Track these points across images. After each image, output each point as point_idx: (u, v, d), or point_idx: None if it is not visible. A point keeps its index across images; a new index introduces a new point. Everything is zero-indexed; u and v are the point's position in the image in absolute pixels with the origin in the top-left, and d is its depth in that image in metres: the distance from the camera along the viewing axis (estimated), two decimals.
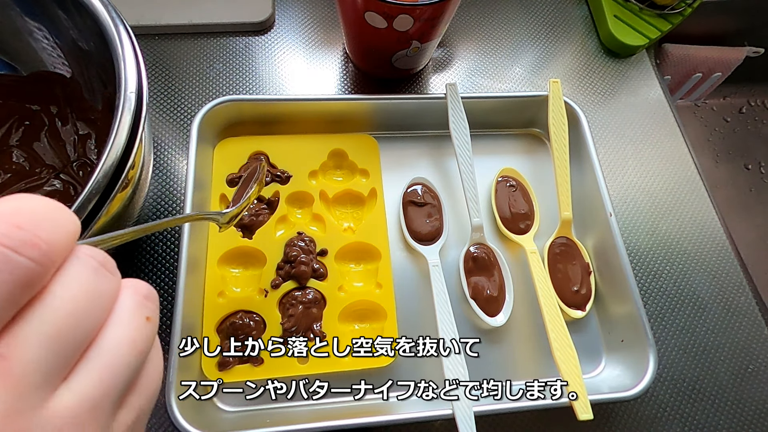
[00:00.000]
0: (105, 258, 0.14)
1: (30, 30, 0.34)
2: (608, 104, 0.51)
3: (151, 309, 0.15)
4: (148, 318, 0.15)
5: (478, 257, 0.41)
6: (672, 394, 0.40)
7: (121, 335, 0.14)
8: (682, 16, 0.54)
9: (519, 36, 0.54)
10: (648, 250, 0.45)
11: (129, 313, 0.14)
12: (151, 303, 0.15)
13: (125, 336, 0.14)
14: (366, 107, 0.44)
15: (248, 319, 0.36)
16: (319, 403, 0.36)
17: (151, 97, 0.46)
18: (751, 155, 0.83)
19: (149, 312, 0.15)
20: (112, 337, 0.13)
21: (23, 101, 0.38)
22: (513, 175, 0.45)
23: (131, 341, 0.14)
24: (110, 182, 0.26)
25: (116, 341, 0.13)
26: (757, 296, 0.45)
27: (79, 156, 0.38)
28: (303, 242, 0.39)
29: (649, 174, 0.49)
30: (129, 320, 0.14)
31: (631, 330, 0.38)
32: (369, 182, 0.42)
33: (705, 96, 0.78)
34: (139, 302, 0.15)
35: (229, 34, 0.49)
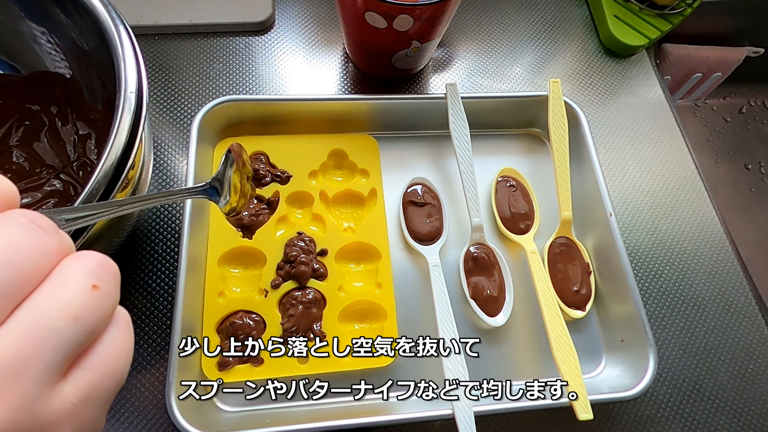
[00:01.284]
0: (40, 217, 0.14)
1: (30, 30, 0.34)
2: (608, 104, 0.51)
3: (102, 278, 0.14)
4: (94, 286, 0.14)
5: (478, 257, 0.41)
6: (672, 394, 0.40)
7: (50, 297, 0.13)
8: (682, 16, 0.54)
9: (519, 36, 0.54)
10: (648, 250, 0.45)
11: (67, 275, 0.13)
12: (103, 272, 0.14)
13: (55, 298, 0.13)
14: (366, 107, 0.44)
15: (248, 319, 0.36)
16: (319, 403, 0.36)
17: (151, 97, 0.46)
18: (751, 155, 0.83)
19: (98, 281, 0.14)
20: (39, 298, 0.13)
21: (23, 101, 0.38)
22: (513, 175, 0.45)
23: (63, 304, 0.13)
24: (110, 182, 0.26)
25: (44, 302, 0.13)
26: (757, 296, 0.45)
27: (79, 156, 0.38)
28: (303, 242, 0.39)
29: (649, 174, 0.49)
30: (65, 282, 0.13)
31: (631, 330, 0.38)
32: (369, 182, 0.42)
33: (705, 96, 0.78)
34: (86, 268, 0.14)
35: (229, 34, 0.49)
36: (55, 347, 0.13)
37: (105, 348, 0.14)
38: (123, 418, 0.35)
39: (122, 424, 0.35)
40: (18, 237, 0.13)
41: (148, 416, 0.36)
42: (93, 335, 0.14)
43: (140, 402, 0.36)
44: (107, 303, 0.14)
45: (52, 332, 0.12)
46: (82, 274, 0.14)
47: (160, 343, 0.37)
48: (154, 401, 0.36)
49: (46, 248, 0.13)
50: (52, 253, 0.13)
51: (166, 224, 0.41)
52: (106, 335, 0.14)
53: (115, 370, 0.14)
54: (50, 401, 0.13)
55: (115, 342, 0.14)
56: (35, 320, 0.12)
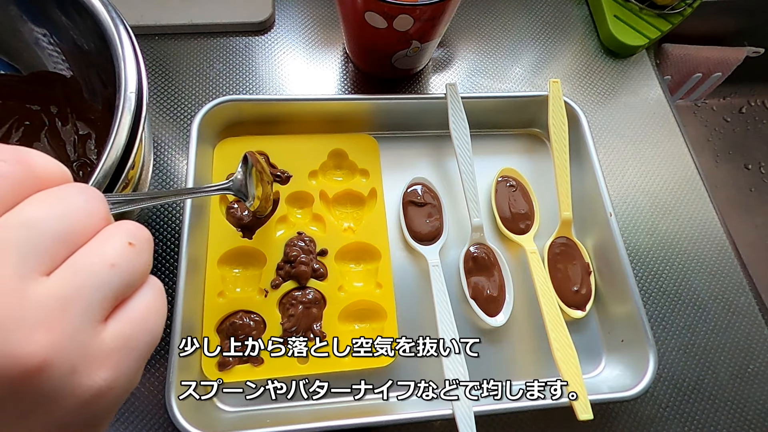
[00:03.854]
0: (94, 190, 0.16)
1: (30, 30, 0.34)
2: (608, 104, 0.51)
3: (137, 238, 0.16)
4: (130, 243, 0.16)
5: (478, 257, 0.41)
6: (672, 394, 0.40)
7: (94, 249, 0.15)
8: (682, 16, 0.54)
9: (519, 36, 0.54)
10: (648, 250, 0.45)
11: (108, 234, 0.16)
12: (139, 234, 0.17)
13: (98, 250, 0.15)
14: (366, 107, 0.44)
15: (248, 319, 0.36)
16: (319, 403, 0.36)
17: (151, 97, 0.46)
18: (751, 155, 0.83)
19: (134, 239, 0.16)
20: (87, 249, 0.15)
21: (23, 101, 0.38)
22: (513, 175, 0.45)
23: (104, 255, 0.15)
24: (110, 182, 0.26)
25: (89, 252, 0.15)
26: (757, 296, 0.45)
27: (79, 156, 0.38)
28: (303, 242, 0.39)
29: (649, 174, 0.49)
30: (106, 239, 0.16)
31: (631, 330, 0.38)
32: (369, 182, 0.42)
33: (705, 96, 0.78)
34: (124, 229, 0.16)
35: (229, 34, 0.49)
36: (95, 287, 0.15)
37: (139, 303, 0.16)
38: (123, 418, 0.35)
39: (122, 424, 0.35)
40: (77, 199, 0.16)
41: (148, 416, 0.36)
42: (128, 286, 0.16)
43: (140, 402, 0.36)
44: (140, 259, 0.16)
45: (93, 274, 0.15)
46: (120, 234, 0.16)
47: (160, 343, 0.37)
48: (154, 401, 0.36)
49: (96, 212, 0.16)
50: (100, 217, 0.16)
51: (166, 224, 0.41)
52: (140, 293, 0.17)
53: (150, 327, 0.16)
54: (93, 338, 0.15)
55: (148, 299, 0.17)
56: (80, 264, 0.15)
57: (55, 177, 0.16)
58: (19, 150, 0.15)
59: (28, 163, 0.15)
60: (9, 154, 0.15)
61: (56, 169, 0.16)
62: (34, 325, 0.13)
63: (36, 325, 0.13)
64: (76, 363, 0.14)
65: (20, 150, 0.15)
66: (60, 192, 0.15)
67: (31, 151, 0.16)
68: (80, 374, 0.14)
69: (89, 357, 0.15)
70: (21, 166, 0.15)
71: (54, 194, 0.15)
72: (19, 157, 0.15)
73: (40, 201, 0.15)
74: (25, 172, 0.15)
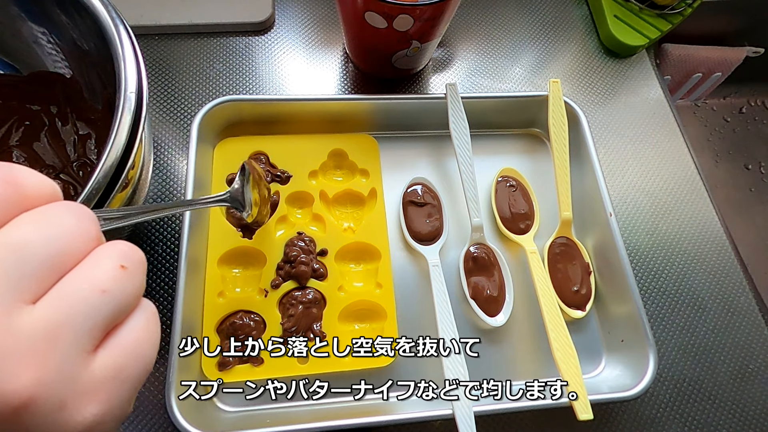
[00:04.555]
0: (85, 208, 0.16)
1: (30, 30, 0.34)
2: (608, 104, 0.51)
3: (129, 261, 0.16)
4: (122, 266, 0.15)
5: (478, 257, 0.41)
6: (672, 394, 0.40)
7: (84, 273, 0.15)
8: (682, 16, 0.54)
9: (519, 36, 0.54)
10: (648, 250, 0.45)
11: (99, 256, 0.15)
12: (131, 256, 0.16)
13: (89, 274, 0.15)
14: (366, 107, 0.44)
15: (248, 319, 0.36)
16: (319, 403, 0.36)
17: (151, 97, 0.46)
18: (751, 155, 0.83)
19: (126, 262, 0.15)
20: (76, 274, 0.15)
21: (23, 101, 0.38)
22: (513, 175, 0.45)
23: (94, 280, 0.15)
24: (110, 182, 0.26)
25: (79, 277, 0.14)
26: (757, 296, 0.45)
27: (79, 156, 0.38)
28: (303, 242, 0.39)
29: (649, 174, 0.49)
30: (97, 262, 0.15)
31: (631, 330, 0.38)
32: (369, 182, 0.42)
33: (705, 96, 0.78)
34: (116, 252, 0.16)
35: (229, 34, 0.49)
36: (84, 315, 0.14)
37: (131, 330, 0.16)
38: None
39: (122, 423, 0.35)
40: (65, 220, 0.15)
41: (148, 416, 0.36)
42: (120, 312, 0.15)
43: (140, 402, 0.36)
44: (133, 283, 0.16)
45: (83, 301, 0.14)
46: (111, 256, 0.15)
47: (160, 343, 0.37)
48: (154, 401, 0.36)
49: (86, 233, 0.15)
50: (90, 237, 0.15)
51: (166, 224, 0.41)
52: (132, 318, 0.16)
53: (141, 355, 0.16)
54: (82, 371, 0.14)
55: (140, 325, 0.16)
56: (69, 291, 0.14)
57: (45, 195, 0.15)
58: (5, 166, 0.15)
59: (15, 182, 0.15)
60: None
61: (46, 186, 0.15)
62: (21, 359, 0.13)
63: (22, 359, 0.13)
64: (64, 398, 0.14)
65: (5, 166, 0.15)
66: (49, 212, 0.15)
67: (19, 169, 0.15)
68: (69, 410, 0.14)
69: (78, 391, 0.14)
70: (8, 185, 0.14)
71: (42, 214, 0.15)
72: (5, 176, 0.14)
73: (28, 222, 0.14)
74: (12, 192, 0.14)
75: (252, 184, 0.34)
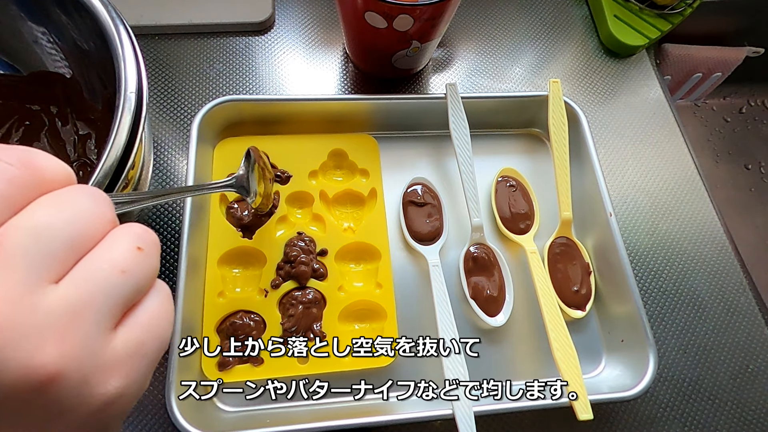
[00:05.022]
0: (100, 192, 0.16)
1: (30, 30, 0.34)
2: (608, 104, 0.51)
3: (145, 242, 0.16)
4: (138, 248, 0.16)
5: (478, 257, 0.41)
6: (672, 394, 0.40)
7: (104, 254, 0.15)
8: (682, 16, 0.54)
9: (519, 36, 0.54)
10: (648, 250, 0.45)
11: (116, 238, 0.16)
12: (146, 238, 0.16)
13: (108, 255, 0.15)
14: (366, 107, 0.44)
15: (248, 319, 0.36)
16: (319, 403, 0.36)
17: (151, 97, 0.46)
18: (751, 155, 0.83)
19: (142, 243, 0.16)
20: (96, 255, 0.15)
21: (23, 101, 0.38)
22: (513, 175, 0.45)
23: (113, 260, 0.15)
24: (110, 182, 0.26)
25: (99, 258, 0.15)
26: (757, 296, 0.45)
27: (79, 156, 0.38)
28: (303, 242, 0.39)
29: (649, 174, 0.49)
30: (114, 243, 0.16)
31: (631, 330, 0.38)
32: (369, 182, 0.42)
33: (705, 96, 0.78)
34: (132, 233, 0.16)
35: (229, 34, 0.49)
36: (106, 294, 0.15)
37: (148, 308, 0.16)
38: None
39: (122, 423, 0.35)
40: (83, 203, 0.15)
41: (148, 416, 0.36)
42: (137, 291, 0.16)
43: (140, 402, 0.36)
44: (149, 263, 0.16)
45: (104, 281, 0.15)
46: (128, 238, 0.16)
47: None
48: (154, 401, 0.36)
49: (103, 215, 0.16)
50: (107, 220, 0.16)
51: (166, 224, 0.41)
52: (148, 298, 0.17)
53: (159, 332, 0.17)
54: (104, 346, 0.15)
55: (156, 304, 0.17)
56: (90, 271, 0.15)
57: (61, 178, 0.16)
58: (24, 151, 0.15)
59: (34, 166, 0.15)
60: (14, 156, 0.15)
61: (61, 170, 0.16)
62: (46, 335, 0.13)
63: (48, 336, 0.13)
64: (88, 372, 0.14)
65: (25, 151, 0.15)
66: (67, 195, 0.15)
67: (36, 152, 0.15)
68: (92, 383, 0.14)
69: (101, 366, 0.14)
70: (27, 169, 0.15)
71: (61, 197, 0.15)
72: (24, 159, 0.15)
73: (48, 205, 0.15)
74: (31, 175, 0.15)
75: (257, 171, 0.34)
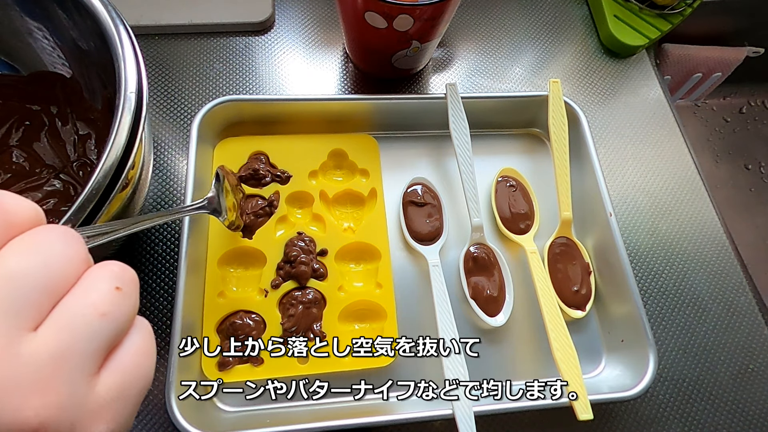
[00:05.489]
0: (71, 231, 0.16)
1: (30, 30, 0.34)
2: (608, 104, 0.51)
3: (123, 282, 0.16)
4: (117, 288, 0.15)
5: (478, 257, 0.41)
6: (672, 394, 0.40)
7: (81, 297, 0.15)
8: (682, 16, 0.54)
9: (519, 36, 0.54)
10: (648, 250, 0.45)
11: (94, 279, 0.15)
12: (124, 277, 0.16)
13: (86, 298, 0.15)
14: (366, 107, 0.44)
15: (248, 319, 0.36)
16: (319, 403, 0.36)
17: (151, 97, 0.46)
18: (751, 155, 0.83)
19: (120, 283, 0.16)
20: (74, 299, 0.15)
21: (23, 101, 0.38)
22: (513, 175, 0.45)
23: (92, 304, 0.15)
24: (110, 182, 0.26)
25: (76, 301, 0.15)
26: (757, 296, 0.45)
27: (79, 156, 0.38)
28: (303, 242, 0.39)
29: (649, 174, 0.49)
30: (92, 285, 0.15)
31: (631, 330, 0.38)
32: (369, 182, 0.42)
33: (705, 96, 0.78)
34: (110, 273, 0.16)
35: (229, 34, 0.49)
36: (88, 339, 0.14)
37: (130, 349, 0.16)
38: None
39: None
40: (55, 245, 0.15)
41: (148, 416, 0.36)
42: (118, 333, 0.16)
43: None
44: (129, 303, 0.16)
45: (84, 326, 0.14)
46: (106, 278, 0.16)
47: (160, 343, 0.37)
48: (154, 401, 0.36)
49: (76, 255, 0.15)
50: (81, 260, 0.15)
51: (166, 224, 0.41)
52: (129, 337, 0.16)
53: (142, 372, 0.16)
54: (89, 393, 0.14)
55: (138, 344, 0.16)
56: (70, 316, 0.14)
57: (29, 219, 0.15)
58: None
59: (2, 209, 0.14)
60: None
61: (29, 210, 0.15)
62: (31, 387, 0.13)
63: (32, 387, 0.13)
64: (74, 420, 0.14)
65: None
66: (37, 238, 0.15)
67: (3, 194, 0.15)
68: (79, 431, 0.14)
69: (86, 412, 0.14)
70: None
71: (31, 241, 0.15)
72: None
73: (18, 251, 0.14)
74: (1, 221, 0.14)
75: (226, 190, 0.34)
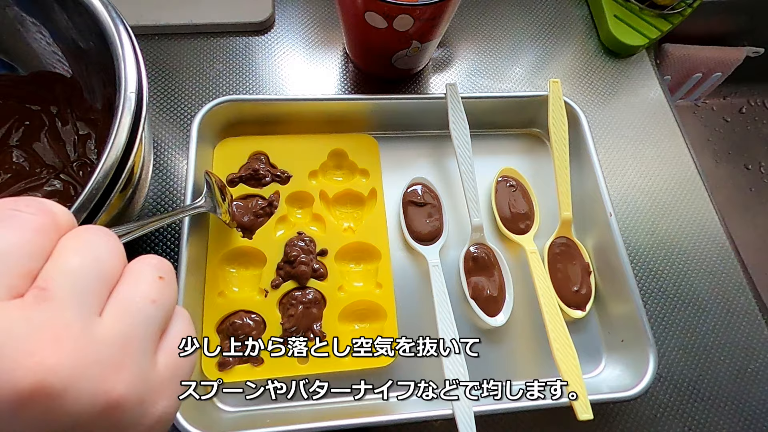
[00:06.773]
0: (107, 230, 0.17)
1: (30, 30, 0.34)
2: (608, 104, 0.51)
3: (164, 271, 0.18)
4: (160, 277, 0.17)
5: (478, 257, 0.41)
6: (672, 394, 0.40)
7: (133, 285, 0.17)
8: (682, 16, 0.54)
9: (519, 36, 0.54)
10: (648, 250, 0.45)
11: (138, 270, 0.17)
12: (164, 267, 0.18)
13: (137, 287, 0.17)
14: (366, 107, 0.44)
15: (248, 319, 0.36)
16: (319, 403, 0.36)
17: (151, 97, 0.46)
18: (751, 155, 0.83)
19: (162, 273, 0.18)
20: (126, 289, 0.16)
21: (23, 101, 0.38)
22: (513, 175, 0.45)
23: (143, 292, 0.17)
24: (110, 182, 0.26)
25: (130, 291, 0.16)
26: (757, 296, 0.45)
27: (79, 156, 0.38)
28: (303, 242, 0.39)
29: (649, 174, 0.49)
30: (139, 275, 0.17)
31: (631, 330, 0.38)
32: (369, 182, 0.42)
33: (705, 96, 0.78)
34: (152, 265, 0.18)
35: (229, 34, 0.49)
36: (145, 324, 0.16)
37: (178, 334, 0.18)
38: None
39: None
40: (100, 243, 0.17)
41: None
42: (166, 318, 0.17)
43: None
44: (171, 291, 0.18)
45: (139, 312, 0.16)
46: (149, 270, 0.17)
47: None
48: None
49: (117, 251, 0.17)
50: (121, 254, 0.17)
51: (166, 224, 0.41)
52: (174, 324, 0.18)
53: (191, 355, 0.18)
54: (151, 371, 0.16)
55: (183, 329, 0.18)
56: (127, 304, 0.16)
57: (70, 221, 0.17)
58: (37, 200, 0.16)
59: (51, 211, 0.16)
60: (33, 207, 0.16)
61: (68, 213, 0.17)
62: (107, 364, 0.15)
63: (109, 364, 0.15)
64: (143, 395, 0.16)
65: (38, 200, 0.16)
66: (84, 237, 0.16)
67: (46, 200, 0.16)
68: (146, 405, 0.16)
69: (151, 389, 0.16)
70: (47, 216, 0.16)
71: (81, 240, 0.16)
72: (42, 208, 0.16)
73: (74, 249, 0.16)
74: (51, 222, 0.16)
75: (216, 192, 0.35)
